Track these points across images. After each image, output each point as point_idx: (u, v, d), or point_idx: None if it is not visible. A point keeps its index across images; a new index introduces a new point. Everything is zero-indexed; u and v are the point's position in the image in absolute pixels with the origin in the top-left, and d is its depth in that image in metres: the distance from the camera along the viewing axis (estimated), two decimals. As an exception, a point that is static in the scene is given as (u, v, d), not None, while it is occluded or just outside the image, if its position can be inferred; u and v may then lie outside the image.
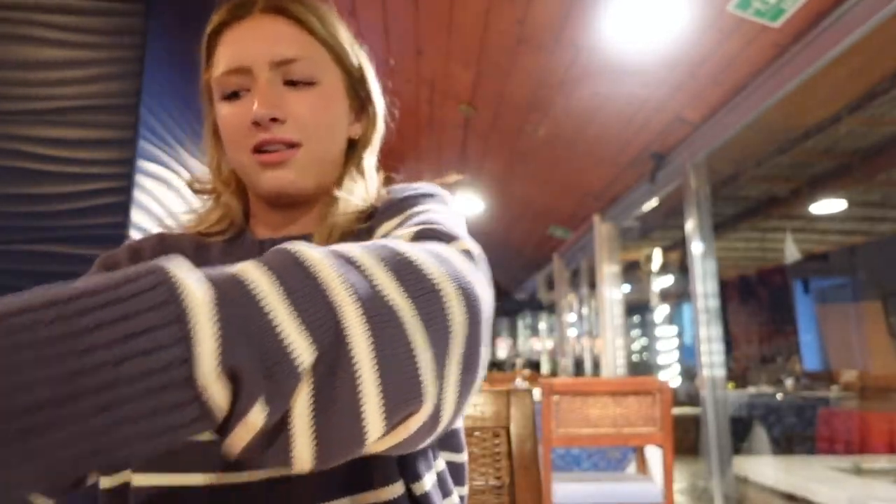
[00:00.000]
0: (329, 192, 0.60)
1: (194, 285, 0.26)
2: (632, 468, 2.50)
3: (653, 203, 3.43)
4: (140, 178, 1.28)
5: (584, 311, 5.30)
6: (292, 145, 0.55)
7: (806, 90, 2.10)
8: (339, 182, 0.60)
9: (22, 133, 1.25)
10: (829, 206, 3.80)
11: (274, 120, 0.54)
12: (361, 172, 0.62)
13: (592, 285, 4.43)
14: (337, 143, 0.60)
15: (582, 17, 1.96)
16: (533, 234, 5.33)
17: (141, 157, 1.28)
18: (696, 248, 2.75)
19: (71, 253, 1.22)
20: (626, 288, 4.74)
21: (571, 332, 5.71)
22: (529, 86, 2.49)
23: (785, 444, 3.94)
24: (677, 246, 4.62)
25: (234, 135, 0.56)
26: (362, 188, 0.61)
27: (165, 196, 1.39)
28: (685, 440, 3.91)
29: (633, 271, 5.11)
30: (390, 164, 0.66)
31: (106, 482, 0.49)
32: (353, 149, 0.63)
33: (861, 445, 3.32)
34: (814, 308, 5.78)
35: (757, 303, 6.30)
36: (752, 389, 4.63)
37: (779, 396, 4.23)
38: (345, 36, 0.60)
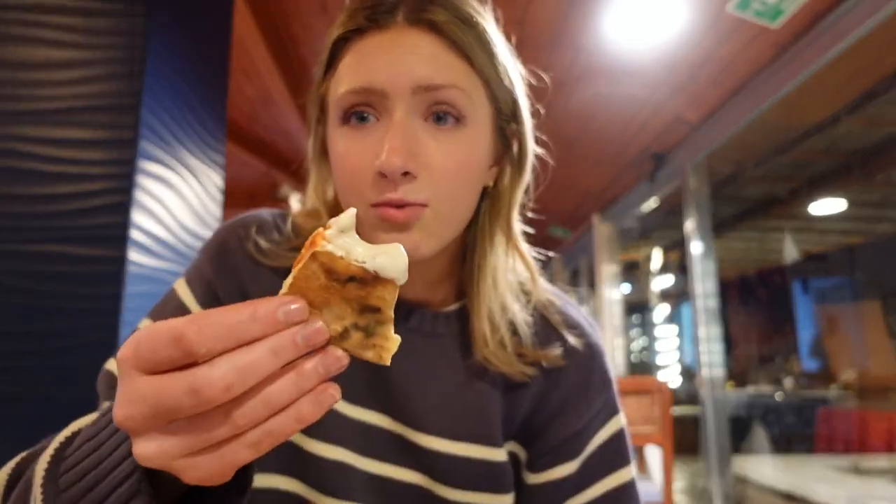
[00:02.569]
0: (456, 242, 0.52)
1: None
2: (631, 468, 2.50)
3: (652, 203, 3.43)
4: (140, 179, 1.28)
5: (584, 310, 5.29)
6: (420, 204, 0.44)
7: (805, 90, 2.10)
8: (477, 242, 0.52)
9: (22, 133, 1.25)
10: (828, 206, 3.80)
11: (405, 174, 0.43)
12: (508, 239, 0.53)
13: (592, 285, 4.43)
14: (472, 199, 0.49)
15: (582, 18, 1.96)
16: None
17: (141, 157, 1.28)
18: (696, 248, 2.75)
19: (71, 253, 1.22)
20: (626, 288, 4.74)
21: (571, 332, 5.70)
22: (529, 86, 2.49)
23: (784, 444, 3.95)
24: (677, 246, 4.62)
25: (352, 179, 0.45)
26: (515, 263, 0.55)
27: (166, 196, 1.39)
28: (684, 440, 3.91)
29: (632, 271, 5.12)
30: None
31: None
32: (487, 198, 0.53)
33: (860, 445, 3.32)
34: (813, 308, 5.78)
35: (756, 303, 6.30)
36: (751, 389, 4.64)
37: (778, 396, 4.23)
38: (503, 59, 0.49)
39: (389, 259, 0.28)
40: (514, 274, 0.56)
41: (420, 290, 0.54)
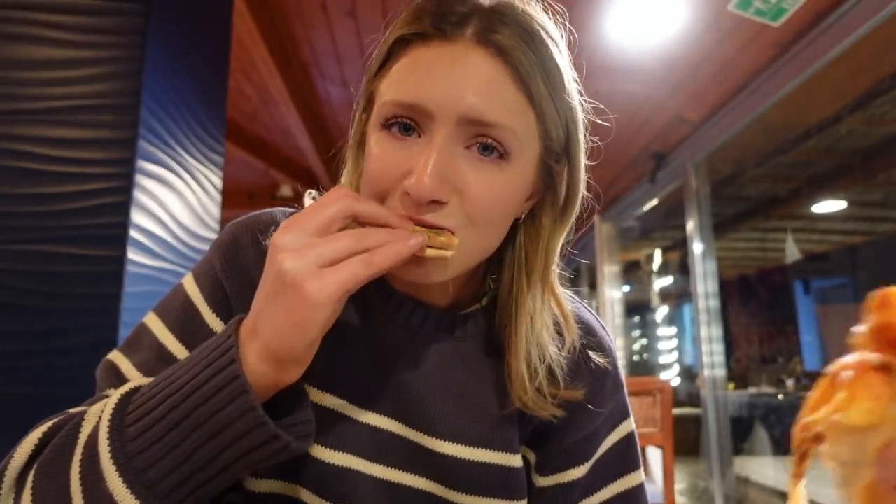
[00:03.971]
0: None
1: None
2: (632, 468, 2.49)
3: (653, 203, 3.43)
4: (140, 178, 1.28)
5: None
6: (446, 229, 0.43)
7: (806, 90, 2.10)
8: (514, 277, 0.50)
9: (21, 133, 1.25)
10: (829, 205, 3.80)
11: (435, 202, 0.42)
12: (545, 283, 0.51)
13: (593, 285, 4.42)
14: (500, 233, 0.48)
15: (582, 17, 1.96)
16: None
17: (141, 157, 1.28)
18: (697, 248, 2.75)
19: (71, 253, 1.22)
20: (627, 288, 4.74)
21: (572, 333, 5.69)
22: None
23: (786, 445, 3.93)
24: (678, 246, 4.61)
25: (377, 187, 0.44)
26: (551, 305, 0.52)
27: (165, 196, 1.39)
28: (686, 441, 3.90)
29: (633, 271, 5.11)
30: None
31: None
32: (524, 230, 0.51)
33: (862, 445, 3.31)
34: (814, 308, 5.78)
35: (757, 303, 6.29)
36: (752, 390, 4.63)
37: (780, 397, 4.22)
38: (562, 93, 0.46)
39: None
40: (550, 314, 0.53)
41: (437, 295, 0.53)
